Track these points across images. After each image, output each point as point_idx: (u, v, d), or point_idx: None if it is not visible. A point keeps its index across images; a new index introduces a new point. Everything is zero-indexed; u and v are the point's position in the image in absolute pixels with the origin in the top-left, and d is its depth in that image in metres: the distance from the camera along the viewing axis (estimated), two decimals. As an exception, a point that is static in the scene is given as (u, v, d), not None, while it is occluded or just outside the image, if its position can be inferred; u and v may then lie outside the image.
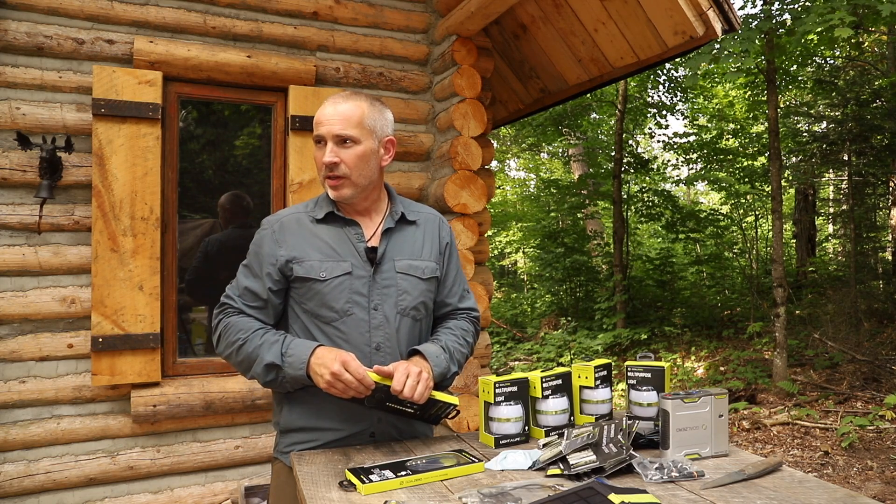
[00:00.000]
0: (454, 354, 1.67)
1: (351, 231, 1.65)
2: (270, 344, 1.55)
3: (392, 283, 1.64)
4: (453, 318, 1.80)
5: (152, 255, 3.07)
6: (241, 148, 3.57)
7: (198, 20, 3.26)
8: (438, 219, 1.79)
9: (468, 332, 1.78)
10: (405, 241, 1.69)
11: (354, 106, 1.60)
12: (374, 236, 1.66)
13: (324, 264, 1.60)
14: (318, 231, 1.64)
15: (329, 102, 1.62)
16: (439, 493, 1.29)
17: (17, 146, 2.85)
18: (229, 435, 3.26)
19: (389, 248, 1.66)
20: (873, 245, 10.57)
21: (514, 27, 4.29)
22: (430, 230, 1.75)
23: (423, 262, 1.69)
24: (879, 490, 4.17)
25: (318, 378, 1.47)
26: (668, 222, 11.26)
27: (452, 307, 1.80)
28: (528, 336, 11.80)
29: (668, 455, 1.44)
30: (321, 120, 1.60)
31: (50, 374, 2.97)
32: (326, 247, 1.62)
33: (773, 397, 6.46)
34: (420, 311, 1.68)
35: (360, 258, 1.62)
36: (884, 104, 8.95)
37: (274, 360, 1.53)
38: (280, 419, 1.70)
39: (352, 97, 1.62)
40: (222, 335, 1.65)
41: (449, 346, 1.67)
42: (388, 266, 1.64)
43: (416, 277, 1.67)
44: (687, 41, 3.36)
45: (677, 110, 12.07)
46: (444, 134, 3.69)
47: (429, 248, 1.72)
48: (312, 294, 1.60)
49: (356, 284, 1.60)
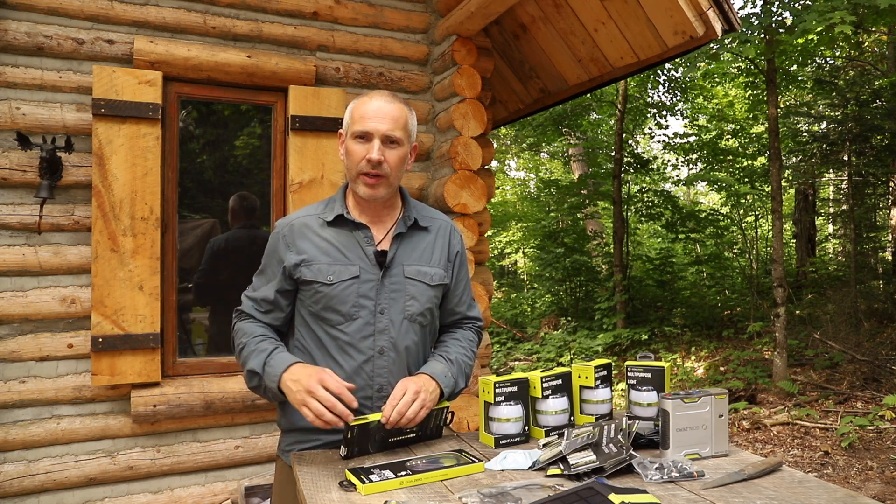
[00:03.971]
0: (463, 368, 1.68)
1: (360, 234, 1.64)
2: (260, 352, 1.56)
3: (400, 287, 1.64)
4: (460, 327, 1.82)
5: (152, 255, 3.06)
6: (241, 148, 3.57)
7: (198, 20, 3.26)
8: (451, 227, 1.79)
9: (474, 343, 1.80)
10: (416, 246, 1.69)
11: (400, 109, 1.60)
12: (384, 240, 1.66)
13: (332, 267, 1.60)
14: (328, 234, 1.64)
15: (374, 100, 1.59)
16: (439, 493, 1.29)
17: (17, 146, 2.85)
18: (229, 435, 3.26)
19: (399, 253, 1.66)
20: (873, 245, 10.57)
21: (514, 27, 4.29)
22: (442, 238, 1.74)
23: (433, 269, 1.69)
24: (879, 490, 4.17)
25: (292, 394, 1.45)
26: (668, 222, 11.26)
27: (461, 316, 1.81)
28: (528, 336, 11.80)
29: (668, 455, 1.44)
30: (368, 116, 1.57)
31: (50, 374, 2.97)
32: (335, 250, 1.62)
33: (773, 397, 6.46)
34: (426, 317, 1.69)
35: (369, 262, 1.62)
36: (884, 104, 8.95)
37: (255, 367, 1.54)
38: (282, 419, 1.71)
39: (394, 99, 1.61)
40: (234, 339, 1.68)
41: (459, 359, 1.69)
42: (397, 271, 1.64)
43: (425, 284, 1.67)
44: (687, 41, 3.36)
45: (677, 110, 12.06)
46: (444, 134, 3.69)
47: (438, 256, 1.72)
48: (319, 297, 1.60)
49: (364, 288, 1.60)
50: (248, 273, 1.80)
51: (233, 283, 3.41)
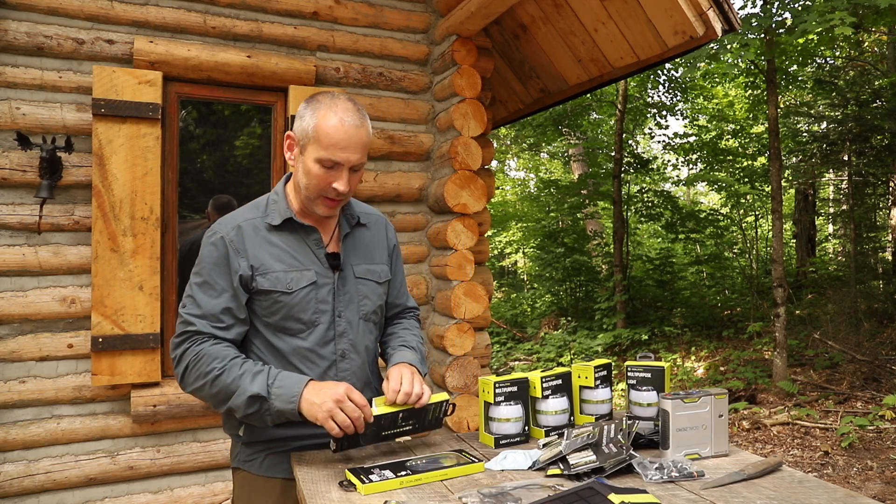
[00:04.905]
0: (423, 355, 1.72)
1: (310, 238, 1.57)
2: (254, 375, 1.43)
3: (353, 288, 1.62)
4: (404, 317, 1.84)
5: (152, 255, 3.07)
6: (241, 148, 3.57)
7: (198, 20, 3.26)
8: (384, 220, 1.78)
9: (420, 331, 1.82)
10: (359, 245, 1.67)
11: (366, 128, 1.50)
12: (331, 241, 1.62)
13: (288, 275, 1.52)
14: (276, 239, 1.54)
15: (344, 125, 1.46)
16: (439, 493, 1.29)
17: (17, 146, 2.85)
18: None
19: (348, 254, 1.63)
20: (873, 245, 10.57)
21: (514, 27, 4.29)
22: (378, 233, 1.73)
23: (378, 266, 1.69)
24: (879, 490, 4.17)
25: (316, 408, 1.37)
26: (667, 222, 11.26)
27: (402, 307, 1.83)
28: (528, 336, 11.80)
29: (668, 455, 1.44)
30: (340, 145, 1.45)
31: (50, 374, 2.97)
32: (287, 255, 1.54)
33: (773, 397, 6.46)
34: (378, 314, 1.70)
35: (322, 265, 1.57)
36: (884, 104, 8.95)
37: (259, 391, 1.41)
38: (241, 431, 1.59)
39: (358, 115, 1.49)
40: (191, 366, 1.47)
41: (419, 348, 1.71)
42: (348, 272, 1.61)
43: (374, 282, 1.67)
44: (687, 41, 3.36)
45: (677, 110, 12.06)
46: (444, 134, 3.69)
47: (380, 252, 1.71)
48: (279, 307, 1.51)
49: (322, 293, 1.56)
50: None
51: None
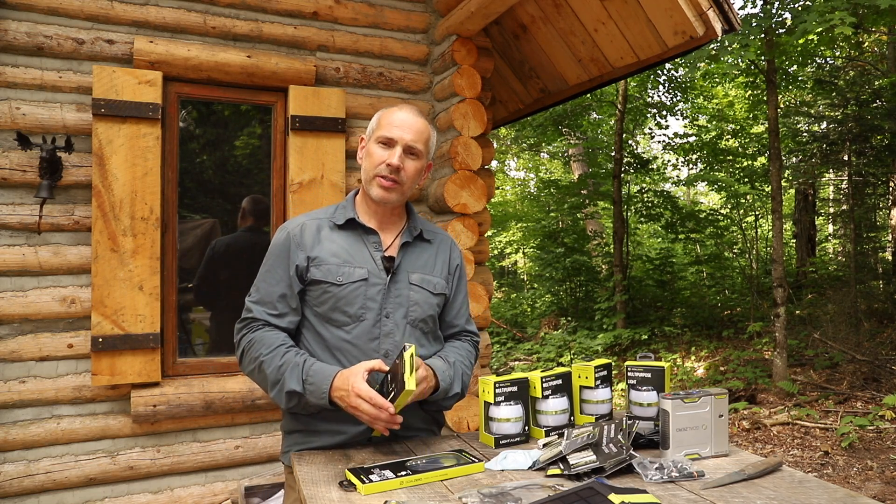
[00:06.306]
0: (460, 374, 1.70)
1: (369, 239, 1.70)
2: (292, 368, 1.55)
3: (405, 293, 1.68)
4: (459, 339, 1.86)
5: (152, 255, 3.06)
6: (241, 148, 3.57)
7: (198, 20, 3.26)
8: (451, 242, 1.88)
9: (472, 355, 1.83)
10: (419, 256, 1.76)
11: (424, 124, 1.70)
12: (391, 247, 1.73)
13: (341, 269, 1.64)
14: (337, 237, 1.69)
15: (402, 111, 1.69)
16: (439, 493, 1.29)
17: (17, 146, 2.85)
18: (229, 435, 3.26)
19: (405, 261, 1.72)
20: (873, 245, 10.58)
21: (514, 27, 4.29)
22: (443, 251, 1.83)
23: (435, 278, 1.75)
24: (879, 490, 4.17)
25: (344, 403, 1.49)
26: (667, 222, 11.26)
27: (460, 328, 1.86)
28: (528, 336, 11.80)
29: (668, 455, 1.44)
30: (395, 124, 1.66)
31: (50, 374, 2.97)
32: (344, 251, 1.67)
33: (773, 397, 6.46)
34: (428, 323, 1.73)
35: (377, 266, 1.67)
36: (884, 104, 8.96)
37: (295, 388, 1.53)
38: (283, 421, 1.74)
39: (420, 115, 1.71)
40: (245, 351, 1.64)
41: (458, 364, 1.70)
42: (402, 277, 1.70)
43: (428, 291, 1.72)
44: (687, 41, 3.36)
45: (677, 110, 12.07)
46: (444, 134, 3.69)
47: (440, 267, 1.79)
48: (327, 297, 1.63)
49: (371, 291, 1.64)
50: (250, 275, 1.79)
51: (235, 285, 3.41)
